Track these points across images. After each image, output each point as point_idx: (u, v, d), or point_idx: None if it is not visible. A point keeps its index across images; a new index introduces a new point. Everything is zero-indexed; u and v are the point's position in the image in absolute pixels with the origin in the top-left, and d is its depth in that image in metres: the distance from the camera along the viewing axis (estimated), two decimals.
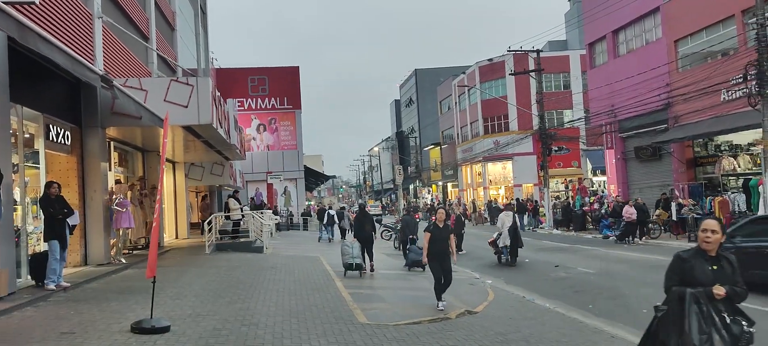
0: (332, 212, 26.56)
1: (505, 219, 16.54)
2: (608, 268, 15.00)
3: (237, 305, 8.68)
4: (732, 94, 21.03)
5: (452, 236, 9.69)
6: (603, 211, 25.90)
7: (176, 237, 21.97)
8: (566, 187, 45.81)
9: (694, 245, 4.45)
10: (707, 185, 23.51)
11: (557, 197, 36.76)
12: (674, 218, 20.96)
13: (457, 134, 56.65)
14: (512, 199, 41.52)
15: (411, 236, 15.61)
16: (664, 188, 24.48)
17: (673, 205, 21.08)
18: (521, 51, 31.60)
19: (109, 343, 6.12)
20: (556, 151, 32.94)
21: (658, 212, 22.41)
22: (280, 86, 41.80)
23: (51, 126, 10.99)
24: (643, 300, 9.65)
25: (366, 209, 17.46)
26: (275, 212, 34.53)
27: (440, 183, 64.96)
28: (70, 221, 9.53)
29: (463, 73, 54.46)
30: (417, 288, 11.86)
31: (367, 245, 14.52)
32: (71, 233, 10.03)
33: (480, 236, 23.46)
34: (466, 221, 22.21)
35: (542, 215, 33.09)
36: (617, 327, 8.27)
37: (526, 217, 32.77)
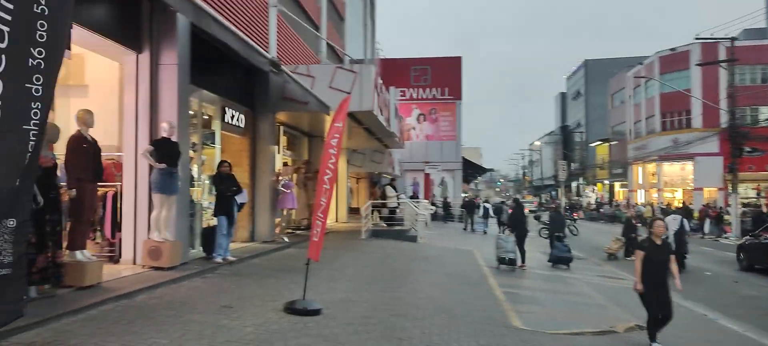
0: (488, 205, 26.02)
1: (672, 223, 16.13)
2: None
3: (387, 293, 8.57)
4: None
5: (673, 256, 7.47)
6: None
7: (336, 220, 22.79)
8: (758, 193, 40.48)
9: None
10: None
11: (747, 204, 32.47)
12: None
13: (630, 130, 52.54)
14: (689, 203, 37.60)
15: (557, 234, 15.47)
16: None
17: None
18: (711, 39, 28.18)
19: (262, 320, 6.25)
20: (748, 152, 28.99)
21: None
22: (441, 77, 41.71)
23: (227, 109, 11.74)
24: None
25: (522, 204, 16.83)
26: (432, 203, 34.63)
27: (607, 182, 60.88)
28: (239, 198, 10.07)
29: (640, 63, 50.23)
30: (578, 293, 10.97)
31: (520, 241, 14.00)
32: (239, 210, 10.62)
33: None
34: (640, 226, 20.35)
35: (727, 223, 29.45)
36: None
37: (707, 224, 29.52)
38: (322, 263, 10.68)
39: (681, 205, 36.56)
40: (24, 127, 3.70)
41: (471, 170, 50.46)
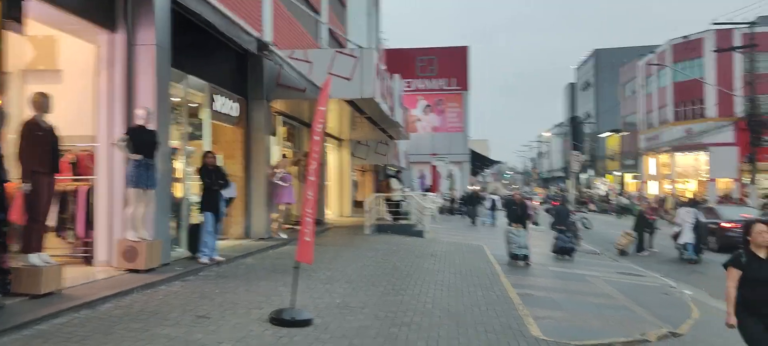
0: (496, 197, 25.22)
1: (686, 215, 16.24)
2: None
3: (389, 297, 7.69)
4: None
5: None
6: None
7: (341, 215, 21.94)
8: None
9: None
10: None
11: (766, 196, 31.34)
12: None
13: (641, 120, 51.34)
14: (702, 196, 36.46)
15: (559, 226, 14.85)
16: None
17: None
18: (728, 23, 27.04)
19: (242, 334, 5.40)
20: (766, 142, 27.88)
21: None
22: (448, 67, 40.76)
23: (217, 96, 10.87)
24: None
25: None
26: (453, 198, 33.83)
27: (618, 173, 59.69)
28: (226, 193, 9.21)
29: (651, 52, 48.99)
30: (599, 293, 10.04)
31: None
32: (228, 206, 9.78)
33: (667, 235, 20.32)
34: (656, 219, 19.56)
35: None
36: None
37: None
38: (321, 261, 9.84)
39: (693, 196, 35.45)
40: None
41: (479, 162, 49.49)
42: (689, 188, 42.99)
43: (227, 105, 11.30)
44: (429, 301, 7.70)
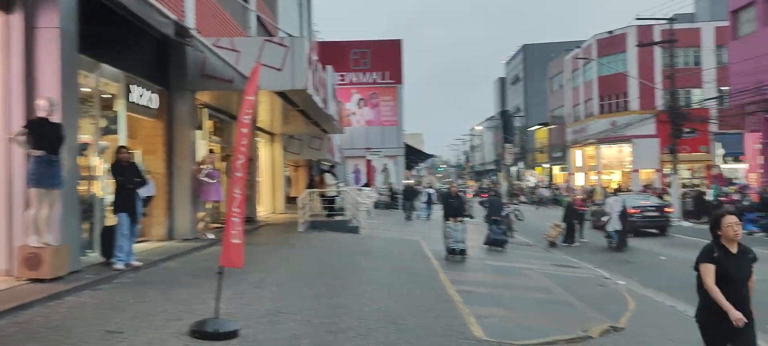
0: (431, 190, 25.17)
1: (614, 204, 16.78)
2: None
3: (324, 300, 7.23)
4: None
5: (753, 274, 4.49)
6: (745, 202, 22.36)
7: (273, 211, 21.20)
8: (692, 174, 41.30)
9: None
10: None
11: (688, 186, 32.81)
12: None
13: (569, 114, 52.86)
14: (628, 186, 37.86)
15: (494, 218, 15.31)
16: None
17: None
18: (652, 19, 27.98)
19: None
20: (687, 133, 29.07)
21: None
22: (381, 60, 40.38)
23: (133, 87, 10.03)
24: None
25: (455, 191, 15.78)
26: (391, 191, 33.57)
27: (547, 166, 61.36)
28: (143, 192, 8.45)
29: (578, 47, 50.46)
30: (538, 287, 9.94)
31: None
32: (145, 206, 9.01)
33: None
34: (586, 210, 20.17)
35: (667, 205, 29.55)
36: None
37: None
38: (253, 262, 9.20)
39: (618, 187, 36.71)
40: None
41: (413, 156, 49.59)
42: (614, 179, 44.60)
43: (146, 96, 10.46)
44: (366, 303, 7.28)
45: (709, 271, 4.36)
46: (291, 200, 24.00)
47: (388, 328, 6.17)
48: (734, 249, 4.41)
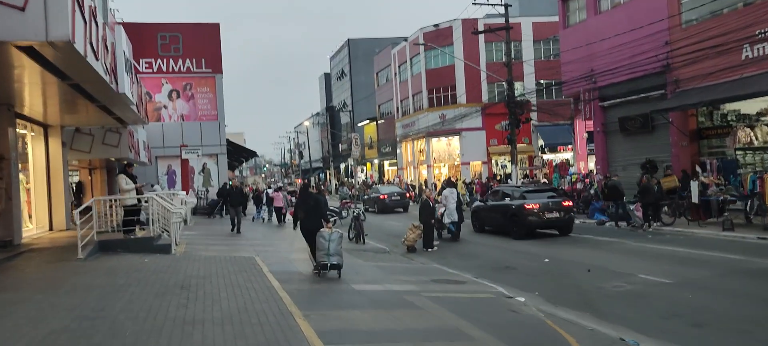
0: (270, 191, 21.66)
1: (449, 196, 16.61)
2: (684, 273, 10.49)
3: None
4: (761, 50, 17.31)
5: None
6: (591, 191, 21.93)
7: (50, 229, 15.88)
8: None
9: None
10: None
11: (525, 176, 32.73)
12: (695, 200, 17.04)
13: (397, 108, 51.88)
14: (458, 177, 37.39)
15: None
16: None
17: (694, 184, 17.13)
18: (487, 3, 26.90)
19: None
20: (525, 122, 28.66)
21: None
22: (196, 47, 35.13)
23: None
24: None
25: (312, 189, 12.70)
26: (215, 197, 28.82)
27: (376, 161, 60.16)
28: None
29: (405, 41, 49.57)
30: (440, 329, 6.93)
31: (313, 238, 9.98)
32: None
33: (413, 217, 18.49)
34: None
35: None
36: None
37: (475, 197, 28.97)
38: None
39: (449, 178, 36.03)
40: None
41: (237, 155, 44.92)
42: (444, 172, 44.27)
43: None
44: None
45: None
46: (85, 212, 18.64)
47: None
48: None
